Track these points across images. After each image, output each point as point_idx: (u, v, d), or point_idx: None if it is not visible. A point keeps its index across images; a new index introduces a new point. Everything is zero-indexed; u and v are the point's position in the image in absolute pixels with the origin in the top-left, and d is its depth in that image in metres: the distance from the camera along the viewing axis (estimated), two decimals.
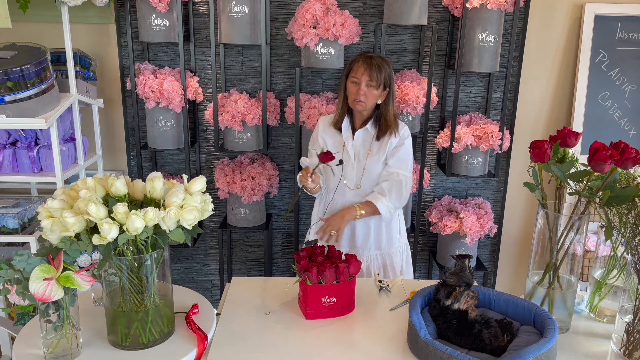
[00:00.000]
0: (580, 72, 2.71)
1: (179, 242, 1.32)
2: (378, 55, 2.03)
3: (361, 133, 2.06)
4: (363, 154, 2.06)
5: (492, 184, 2.92)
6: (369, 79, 1.95)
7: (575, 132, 1.42)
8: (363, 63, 1.96)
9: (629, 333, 1.37)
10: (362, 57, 1.99)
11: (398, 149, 2.05)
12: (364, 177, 2.06)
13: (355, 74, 1.98)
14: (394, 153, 2.05)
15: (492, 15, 2.43)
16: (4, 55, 2.19)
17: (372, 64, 1.95)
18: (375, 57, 1.98)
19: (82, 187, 1.27)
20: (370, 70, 1.94)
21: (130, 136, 2.80)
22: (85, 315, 1.44)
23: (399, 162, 2.05)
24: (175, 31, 2.50)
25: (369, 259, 2.13)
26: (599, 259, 1.61)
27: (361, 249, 2.12)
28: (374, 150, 2.05)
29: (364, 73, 1.95)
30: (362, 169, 2.06)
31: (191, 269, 3.05)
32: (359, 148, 2.07)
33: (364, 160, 2.05)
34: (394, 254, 2.16)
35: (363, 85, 1.95)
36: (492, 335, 1.33)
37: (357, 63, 1.98)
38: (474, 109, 2.81)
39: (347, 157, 2.06)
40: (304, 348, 1.41)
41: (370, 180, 2.07)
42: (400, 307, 1.64)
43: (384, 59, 2.02)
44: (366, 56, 1.99)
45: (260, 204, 2.75)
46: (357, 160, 2.06)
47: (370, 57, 1.99)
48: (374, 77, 1.94)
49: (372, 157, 2.05)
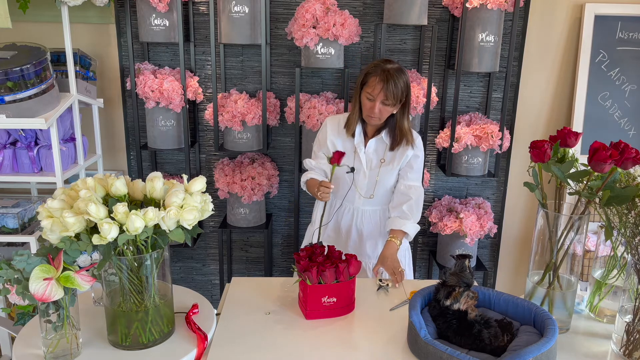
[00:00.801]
0: (580, 72, 2.71)
1: (179, 242, 1.32)
2: (395, 67, 1.87)
3: (375, 142, 2.00)
4: (376, 163, 2.00)
5: (492, 184, 2.92)
6: (384, 98, 1.85)
7: (575, 132, 1.42)
8: (380, 81, 1.83)
9: (629, 333, 1.37)
10: (379, 72, 1.85)
11: (415, 161, 2.00)
12: (377, 187, 2.01)
13: (371, 91, 1.86)
14: (412, 165, 2.00)
15: (492, 15, 2.43)
16: (4, 55, 2.19)
17: (389, 82, 1.82)
18: (392, 73, 1.84)
19: (82, 187, 1.27)
20: (386, 90, 1.83)
21: (130, 136, 2.80)
22: (85, 315, 1.44)
23: (416, 174, 2.01)
24: (175, 31, 2.50)
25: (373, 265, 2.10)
26: (599, 259, 1.61)
27: (367, 256, 2.10)
28: (388, 159, 1.99)
29: (380, 92, 1.84)
30: (374, 178, 2.00)
31: (191, 269, 3.05)
32: (371, 156, 2.01)
33: (377, 169, 2.00)
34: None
35: (378, 103, 1.86)
36: (492, 335, 1.33)
37: (374, 78, 1.85)
38: (474, 109, 2.81)
39: (359, 164, 1.99)
40: (304, 348, 1.41)
41: (383, 190, 2.02)
42: (400, 307, 1.64)
43: (401, 69, 1.88)
44: (383, 70, 1.84)
45: (260, 204, 2.75)
46: (369, 168, 2.00)
47: (387, 72, 1.84)
48: (389, 96, 1.84)
49: (385, 167, 1.99)
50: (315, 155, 2.09)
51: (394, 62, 1.92)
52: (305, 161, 2.09)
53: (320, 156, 2.05)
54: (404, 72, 1.89)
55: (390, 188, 2.04)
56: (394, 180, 2.03)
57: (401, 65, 1.92)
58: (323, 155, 2.02)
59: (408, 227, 1.98)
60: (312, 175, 2.02)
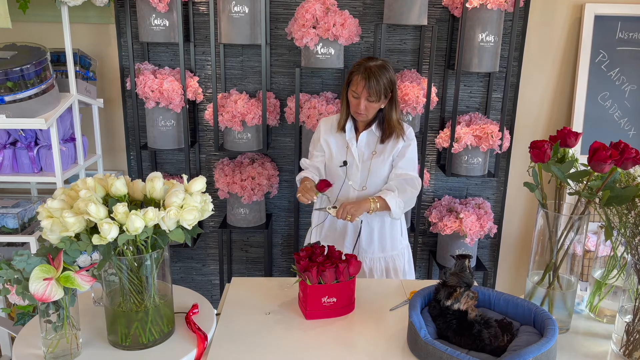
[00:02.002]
0: (580, 72, 2.71)
1: (179, 242, 1.32)
2: (378, 63, 1.92)
3: (365, 134, 2.04)
4: (368, 155, 2.04)
5: (492, 184, 2.92)
6: (368, 95, 1.89)
7: (575, 132, 1.42)
8: (362, 79, 1.88)
9: (629, 333, 1.37)
10: (362, 70, 1.90)
11: (405, 150, 2.03)
12: (369, 178, 2.04)
13: (355, 89, 1.91)
14: (403, 155, 2.02)
15: (492, 15, 2.43)
16: (4, 55, 2.19)
17: (370, 79, 1.87)
18: (374, 70, 1.88)
19: (82, 187, 1.27)
20: (369, 88, 1.88)
21: (130, 136, 2.80)
22: (85, 315, 1.44)
23: (407, 163, 2.03)
24: (175, 31, 2.50)
25: (372, 262, 2.12)
26: (599, 259, 1.61)
27: (364, 251, 2.11)
28: (379, 151, 2.03)
29: (363, 89, 1.89)
30: (367, 171, 2.04)
31: (191, 269, 3.05)
32: (363, 149, 2.05)
33: (368, 161, 2.03)
34: (396, 257, 2.15)
35: (363, 100, 1.91)
36: (492, 335, 1.33)
37: (357, 76, 1.91)
38: (474, 109, 2.81)
39: (351, 158, 2.04)
40: (304, 348, 1.41)
41: (376, 181, 2.05)
42: (400, 307, 1.64)
43: (384, 66, 1.92)
44: (365, 68, 1.90)
45: (260, 204, 2.75)
46: (362, 161, 2.04)
47: (369, 70, 1.89)
48: (372, 92, 1.88)
49: (377, 158, 2.03)
50: (311, 154, 2.14)
51: (377, 59, 1.95)
52: (302, 161, 2.15)
53: (315, 155, 2.11)
54: (387, 68, 1.92)
55: (383, 179, 2.06)
56: (387, 172, 2.05)
57: (386, 62, 1.95)
58: (317, 154, 2.10)
59: (390, 198, 1.95)
60: (306, 174, 2.07)
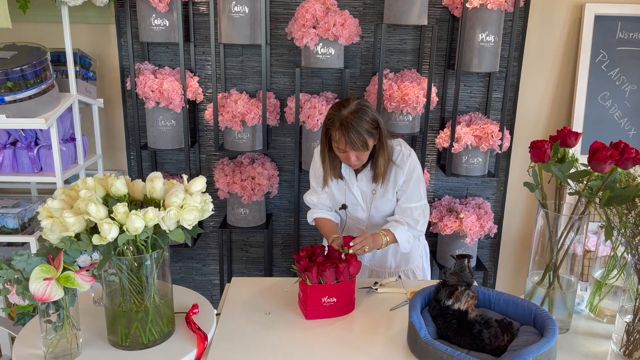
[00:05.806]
0: (580, 72, 2.71)
1: (179, 242, 1.32)
2: (352, 109, 1.73)
3: (364, 175, 1.93)
4: (370, 195, 1.95)
5: (492, 184, 2.92)
6: (352, 148, 1.74)
7: (575, 132, 1.42)
8: (341, 134, 1.72)
9: (629, 333, 1.37)
10: (338, 124, 1.73)
11: (407, 185, 1.89)
12: (374, 215, 1.97)
13: (337, 145, 1.77)
14: (404, 190, 1.91)
15: (492, 15, 2.43)
16: (4, 55, 2.19)
17: (349, 133, 1.70)
18: (349, 121, 1.70)
19: (82, 187, 1.27)
20: (351, 143, 1.72)
21: (130, 136, 2.80)
22: (85, 315, 1.44)
23: (410, 197, 1.91)
24: (175, 31, 2.50)
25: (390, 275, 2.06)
26: (599, 259, 1.61)
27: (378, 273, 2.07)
28: (379, 191, 1.93)
29: (347, 145, 1.73)
30: (371, 208, 1.96)
31: (191, 269, 3.05)
32: (365, 188, 1.95)
33: (371, 201, 1.95)
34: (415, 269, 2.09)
35: (351, 154, 1.77)
36: (492, 335, 1.33)
37: (335, 132, 1.74)
38: (474, 109, 2.81)
39: (354, 200, 1.95)
40: (304, 348, 1.41)
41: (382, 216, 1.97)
42: (400, 307, 1.64)
43: (360, 108, 1.73)
44: (340, 121, 1.72)
45: (260, 204, 2.75)
46: (364, 200, 1.96)
47: (345, 123, 1.71)
48: (356, 144, 1.72)
49: (380, 199, 1.93)
50: (314, 190, 2.02)
51: (349, 102, 1.76)
52: (306, 199, 2.03)
53: (319, 192, 2.00)
54: (363, 110, 1.74)
55: (389, 212, 1.98)
56: (391, 206, 1.96)
57: (360, 102, 1.77)
58: (322, 191, 1.99)
59: (399, 232, 1.87)
60: (321, 214, 2.00)
